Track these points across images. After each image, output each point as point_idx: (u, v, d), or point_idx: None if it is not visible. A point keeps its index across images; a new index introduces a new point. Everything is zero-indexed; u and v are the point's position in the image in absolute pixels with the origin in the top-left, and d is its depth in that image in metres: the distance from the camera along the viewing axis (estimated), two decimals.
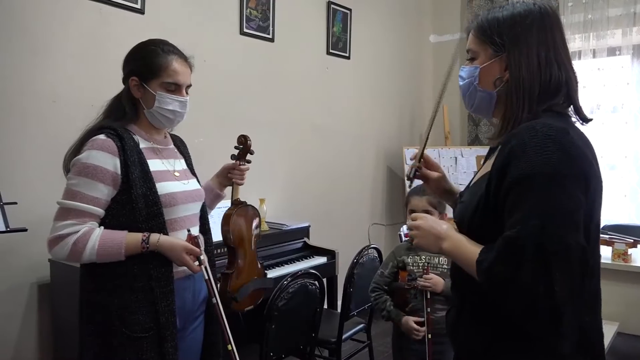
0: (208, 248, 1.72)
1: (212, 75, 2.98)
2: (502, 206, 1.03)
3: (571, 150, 1.00)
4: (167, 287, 1.49)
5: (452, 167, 4.29)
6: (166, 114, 1.56)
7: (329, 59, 3.83)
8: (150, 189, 1.48)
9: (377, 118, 4.35)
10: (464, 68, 1.23)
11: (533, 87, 1.08)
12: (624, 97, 4.02)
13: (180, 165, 1.68)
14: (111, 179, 1.45)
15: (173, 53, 1.57)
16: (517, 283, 0.96)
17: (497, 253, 1.00)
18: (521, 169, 0.99)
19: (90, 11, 2.43)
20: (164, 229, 1.50)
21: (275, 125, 3.42)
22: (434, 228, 1.17)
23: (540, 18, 1.10)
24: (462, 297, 1.20)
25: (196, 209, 1.67)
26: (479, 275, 1.03)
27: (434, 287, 2.05)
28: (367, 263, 2.70)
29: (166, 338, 1.48)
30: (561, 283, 0.93)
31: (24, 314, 2.26)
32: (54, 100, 2.31)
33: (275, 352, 2.11)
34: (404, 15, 4.45)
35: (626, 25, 3.96)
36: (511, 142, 1.03)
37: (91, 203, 1.44)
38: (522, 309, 0.97)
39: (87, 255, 1.42)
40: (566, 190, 0.97)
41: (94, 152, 1.44)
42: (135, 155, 1.49)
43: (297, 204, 3.59)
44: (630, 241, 3.39)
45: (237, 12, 3.11)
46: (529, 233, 0.95)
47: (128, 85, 1.55)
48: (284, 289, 2.08)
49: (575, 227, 0.97)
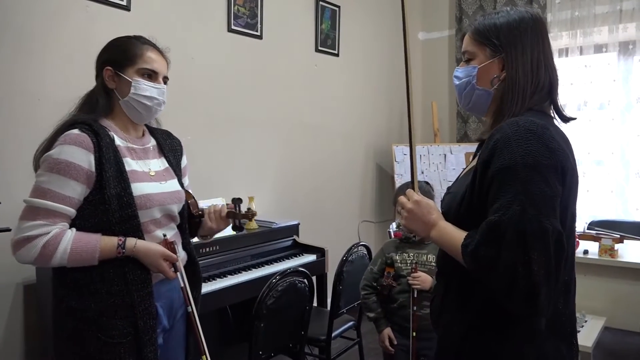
0: (186, 247, 1.64)
1: (199, 72, 2.96)
2: (485, 195, 1.11)
3: (550, 144, 1.08)
4: (145, 289, 1.43)
5: (441, 164, 4.30)
6: (143, 101, 1.48)
7: (318, 56, 3.82)
8: (125, 189, 1.40)
9: (366, 115, 4.35)
10: (459, 69, 1.30)
11: (526, 85, 1.18)
12: (611, 94, 4.05)
13: (158, 164, 1.59)
14: (85, 176, 1.37)
15: (148, 44, 1.53)
16: (499, 263, 1.03)
17: (480, 236, 1.07)
18: (504, 160, 1.07)
19: (77, 9, 2.40)
20: (139, 232, 1.43)
21: (264, 122, 3.40)
22: (425, 216, 1.23)
23: (533, 24, 1.21)
24: (447, 284, 1.27)
25: (174, 211, 1.58)
26: (464, 258, 1.11)
27: (422, 284, 2.07)
28: (357, 260, 2.71)
29: (145, 343, 1.41)
30: (538, 263, 1.01)
31: (9, 314, 2.23)
32: (39, 99, 2.28)
33: (265, 351, 2.11)
34: (392, 12, 4.44)
35: (612, 22, 3.98)
36: (495, 135, 1.11)
37: (62, 202, 1.35)
38: (503, 287, 1.04)
39: (58, 259, 1.34)
40: (545, 179, 1.05)
41: (66, 147, 1.36)
42: (111, 152, 1.41)
43: (286, 202, 3.59)
44: (617, 237, 3.42)
45: (224, 9, 3.09)
46: (510, 217, 1.03)
47: (102, 77, 1.48)
48: (273, 287, 2.07)
49: (552, 213, 1.04)
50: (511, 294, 1.03)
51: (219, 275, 2.50)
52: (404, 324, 2.13)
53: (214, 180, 3.07)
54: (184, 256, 1.62)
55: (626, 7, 3.93)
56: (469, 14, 4.56)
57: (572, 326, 1.21)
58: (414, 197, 1.26)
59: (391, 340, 2.19)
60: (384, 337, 2.20)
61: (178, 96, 2.84)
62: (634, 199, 4.05)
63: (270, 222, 3.02)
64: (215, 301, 2.39)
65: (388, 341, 2.19)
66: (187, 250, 1.64)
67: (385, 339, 2.19)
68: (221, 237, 2.60)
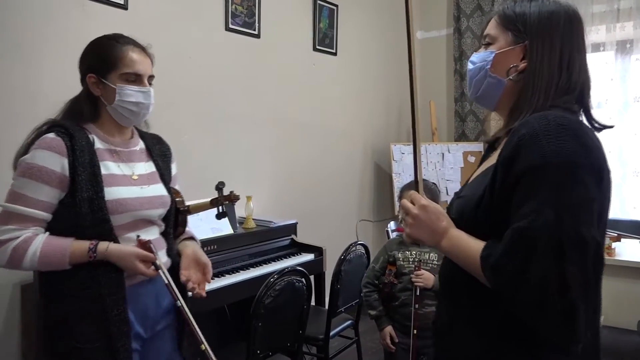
0: (171, 253, 1.60)
1: (197, 71, 2.95)
2: (508, 199, 0.96)
3: (586, 141, 0.95)
4: (118, 294, 1.39)
5: (439, 163, 4.30)
6: (129, 107, 1.46)
7: (316, 55, 3.82)
8: (97, 193, 1.38)
9: (364, 114, 4.35)
10: (475, 54, 1.18)
11: (552, 82, 1.05)
12: (608, 92, 4.06)
13: (144, 168, 1.56)
14: (58, 180, 1.36)
15: (129, 43, 1.48)
16: (528, 278, 0.89)
17: (505, 246, 0.93)
18: (532, 159, 0.93)
19: (73, 7, 2.39)
20: (111, 235, 1.40)
21: (262, 122, 3.40)
22: (434, 223, 1.08)
23: (568, 19, 1.09)
24: (453, 312, 1.11)
25: (152, 216, 1.53)
26: (485, 272, 0.96)
27: (425, 283, 2.08)
28: (355, 259, 2.71)
29: (118, 350, 1.38)
30: (575, 278, 0.87)
31: (6, 315, 2.23)
32: (35, 98, 2.28)
33: (263, 350, 2.11)
34: (390, 11, 4.44)
35: (610, 21, 3.99)
36: (520, 131, 0.98)
37: (35, 207, 1.35)
38: (532, 306, 0.90)
39: (28, 262, 1.33)
40: (582, 180, 0.91)
41: (39, 151, 1.35)
42: (86, 155, 1.39)
43: (284, 201, 3.58)
44: (615, 235, 3.43)
45: (222, 8, 3.08)
46: (542, 224, 0.89)
47: (86, 84, 1.47)
48: (270, 286, 2.07)
49: (590, 220, 0.91)
50: (544, 315, 0.89)
51: (217, 275, 2.49)
52: (405, 322, 2.14)
53: (211, 179, 3.03)
54: (167, 262, 1.57)
55: (623, 6, 3.93)
56: (467, 13, 4.56)
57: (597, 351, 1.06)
58: (421, 202, 1.10)
59: (392, 338, 2.18)
60: (386, 335, 2.19)
61: (175, 95, 2.84)
62: (632, 198, 4.06)
63: (268, 221, 3.02)
64: (213, 300, 2.37)
65: (389, 339, 2.19)
66: (171, 257, 1.60)
67: (387, 337, 2.19)
68: (219, 237, 2.60)
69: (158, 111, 2.84)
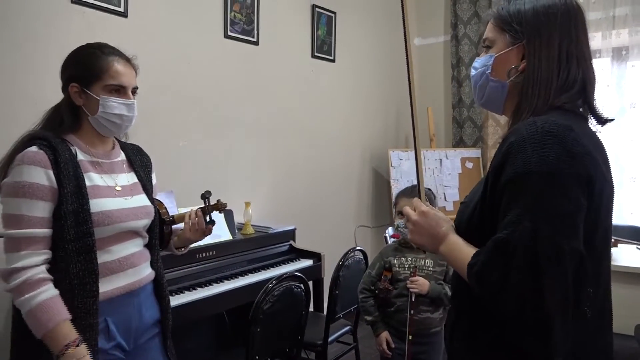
0: (155, 265, 1.59)
1: (196, 78, 2.97)
2: (497, 207, 0.97)
3: (574, 148, 0.92)
4: (88, 319, 1.34)
5: (437, 169, 4.32)
6: (112, 119, 1.44)
7: (314, 62, 3.84)
8: (82, 205, 1.36)
9: (362, 120, 4.37)
10: (477, 59, 1.16)
11: (551, 79, 1.02)
12: (604, 99, 4.08)
13: (127, 179, 1.54)
14: (50, 194, 1.33)
15: (114, 54, 1.46)
16: (506, 289, 0.89)
17: (485, 256, 0.94)
18: (517, 167, 0.92)
19: (74, 14, 2.41)
20: (91, 252, 1.36)
21: (260, 128, 3.41)
22: (433, 228, 1.09)
23: (565, 11, 1.05)
24: (459, 309, 1.14)
25: (139, 227, 1.52)
26: (469, 279, 0.97)
27: (420, 289, 2.09)
28: (353, 265, 2.72)
29: None
30: (552, 291, 0.86)
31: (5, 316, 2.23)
32: (36, 103, 2.28)
33: (261, 355, 2.11)
34: (388, 18, 4.47)
35: (606, 28, 4.02)
36: (509, 138, 0.97)
37: (38, 225, 1.31)
38: (510, 317, 0.91)
39: (24, 301, 1.28)
40: (564, 190, 0.90)
41: (25, 167, 1.32)
42: (70, 168, 1.37)
43: (282, 207, 3.59)
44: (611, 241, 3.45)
45: (221, 16, 3.10)
46: (519, 236, 0.89)
47: (68, 93, 1.44)
48: (269, 292, 2.08)
49: (572, 232, 0.89)
50: (521, 328, 0.90)
51: (216, 281, 2.50)
52: (400, 328, 2.14)
53: (210, 185, 3.05)
54: (150, 274, 1.56)
55: (619, 13, 3.97)
56: (464, 20, 4.59)
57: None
58: (421, 208, 1.11)
59: (388, 343, 2.20)
60: (382, 341, 2.20)
61: (174, 102, 2.85)
62: (628, 204, 4.08)
63: (266, 227, 3.03)
64: (211, 306, 2.39)
65: (385, 345, 2.20)
66: (155, 269, 1.59)
67: (383, 343, 2.20)
68: (217, 243, 2.61)
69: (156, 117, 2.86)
